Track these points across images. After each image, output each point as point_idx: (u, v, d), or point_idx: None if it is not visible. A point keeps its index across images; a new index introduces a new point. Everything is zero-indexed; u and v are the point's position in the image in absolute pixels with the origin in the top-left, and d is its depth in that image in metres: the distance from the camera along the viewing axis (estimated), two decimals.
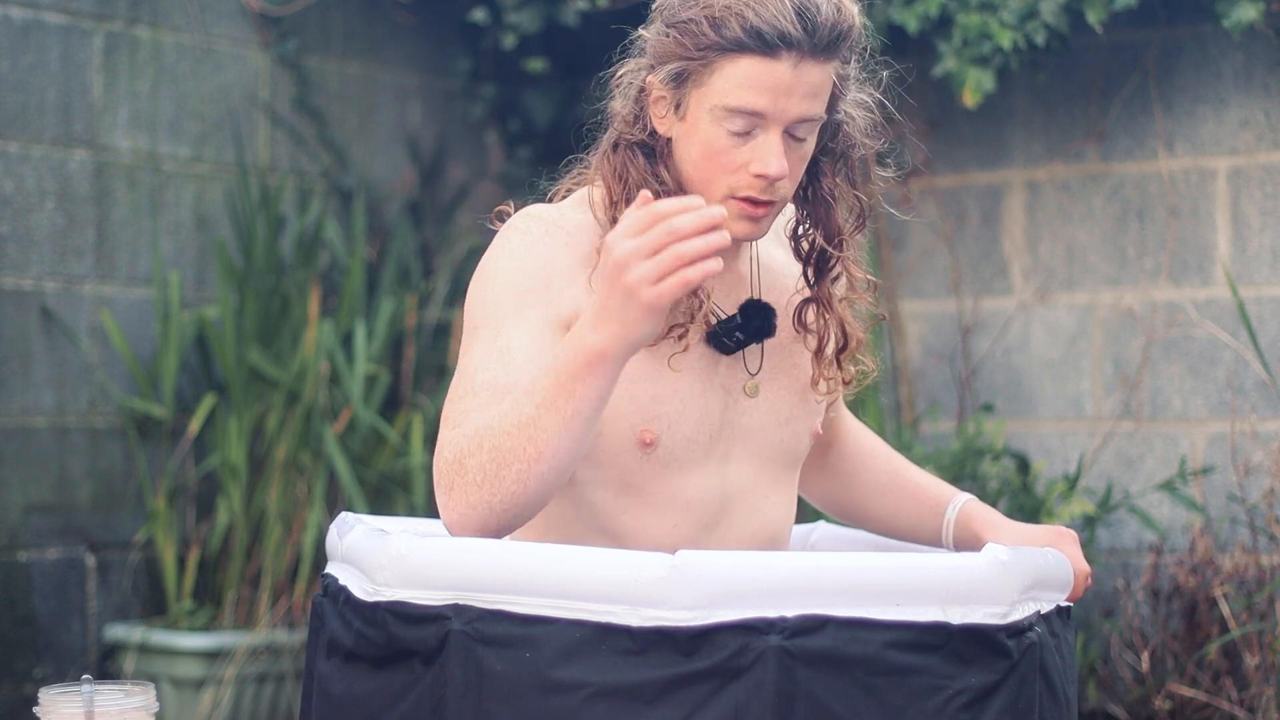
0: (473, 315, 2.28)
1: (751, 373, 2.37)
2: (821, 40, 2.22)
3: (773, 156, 2.24)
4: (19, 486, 4.39)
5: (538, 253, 2.28)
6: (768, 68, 2.22)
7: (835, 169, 2.38)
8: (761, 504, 2.39)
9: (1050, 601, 2.25)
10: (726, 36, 2.21)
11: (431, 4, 5.15)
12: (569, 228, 2.31)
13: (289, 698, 4.51)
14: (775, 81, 2.22)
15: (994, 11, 4.15)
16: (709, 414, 2.33)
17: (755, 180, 2.25)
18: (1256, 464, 4.10)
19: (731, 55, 2.22)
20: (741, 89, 2.22)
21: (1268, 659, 3.85)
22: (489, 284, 2.28)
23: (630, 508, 2.32)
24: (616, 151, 2.34)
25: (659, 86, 2.29)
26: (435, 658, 2.12)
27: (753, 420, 2.37)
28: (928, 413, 4.47)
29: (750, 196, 2.26)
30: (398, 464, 4.67)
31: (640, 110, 2.33)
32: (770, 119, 2.23)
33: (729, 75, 2.23)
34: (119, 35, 4.60)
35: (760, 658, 2.02)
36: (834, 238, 2.39)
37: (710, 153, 2.26)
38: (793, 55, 2.21)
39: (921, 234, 4.62)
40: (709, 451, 2.34)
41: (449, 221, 5.18)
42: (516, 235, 2.30)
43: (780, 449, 2.39)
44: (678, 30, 2.26)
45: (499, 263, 2.29)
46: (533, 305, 2.26)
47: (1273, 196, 4.16)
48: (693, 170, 2.29)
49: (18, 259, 4.40)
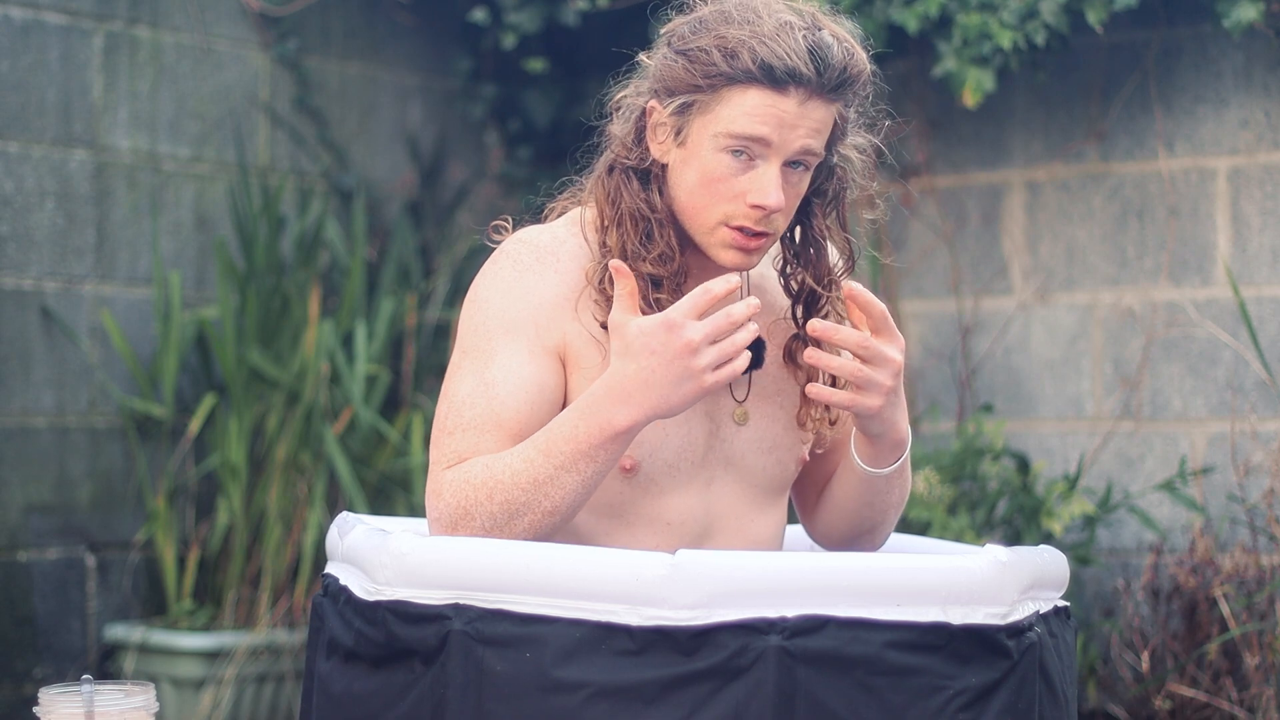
0: (463, 340, 2.32)
1: (739, 400, 2.37)
2: (830, 81, 2.25)
3: (772, 187, 2.26)
4: (19, 486, 4.39)
5: (528, 282, 2.31)
6: (775, 100, 2.24)
7: (826, 211, 2.40)
8: (747, 527, 2.39)
9: (1049, 601, 2.26)
10: (737, 67, 2.24)
11: (431, 4, 5.15)
12: (561, 254, 2.34)
13: (289, 698, 4.51)
14: (781, 114, 2.24)
15: (994, 11, 4.15)
16: (692, 441, 2.34)
17: (752, 210, 2.27)
18: (1256, 464, 4.10)
19: (741, 85, 2.25)
20: (748, 117, 2.24)
21: (1268, 659, 3.85)
22: (479, 312, 2.32)
23: (613, 529, 2.33)
24: (611, 175, 2.36)
25: (661, 111, 2.30)
26: (436, 657, 2.12)
27: (736, 448, 2.37)
28: (928, 413, 4.47)
29: (744, 226, 2.28)
30: (398, 464, 4.67)
31: (639, 134, 2.34)
32: (773, 150, 2.26)
33: (736, 104, 2.25)
34: (119, 35, 4.60)
35: (760, 658, 2.02)
36: (823, 279, 2.40)
37: (709, 180, 2.28)
38: (801, 92, 2.24)
39: (921, 234, 4.62)
40: (692, 476, 2.35)
41: (449, 221, 5.18)
42: (508, 263, 2.33)
43: (765, 475, 2.40)
44: (687, 57, 2.28)
45: (489, 292, 2.32)
46: (520, 336, 2.29)
47: (1273, 196, 4.16)
48: (688, 197, 2.30)
49: (18, 259, 4.40)
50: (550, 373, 2.29)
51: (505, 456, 2.21)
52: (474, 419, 2.26)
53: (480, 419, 2.25)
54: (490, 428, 2.25)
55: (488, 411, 2.25)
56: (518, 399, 2.26)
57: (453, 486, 2.22)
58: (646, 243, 2.31)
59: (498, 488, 2.20)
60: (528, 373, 2.27)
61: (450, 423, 2.27)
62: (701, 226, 2.30)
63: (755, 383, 2.39)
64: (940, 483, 4.12)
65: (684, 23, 2.32)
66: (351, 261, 4.80)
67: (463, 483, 2.22)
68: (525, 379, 2.27)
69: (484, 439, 2.24)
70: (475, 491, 2.20)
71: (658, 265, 2.30)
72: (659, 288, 2.30)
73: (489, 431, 2.25)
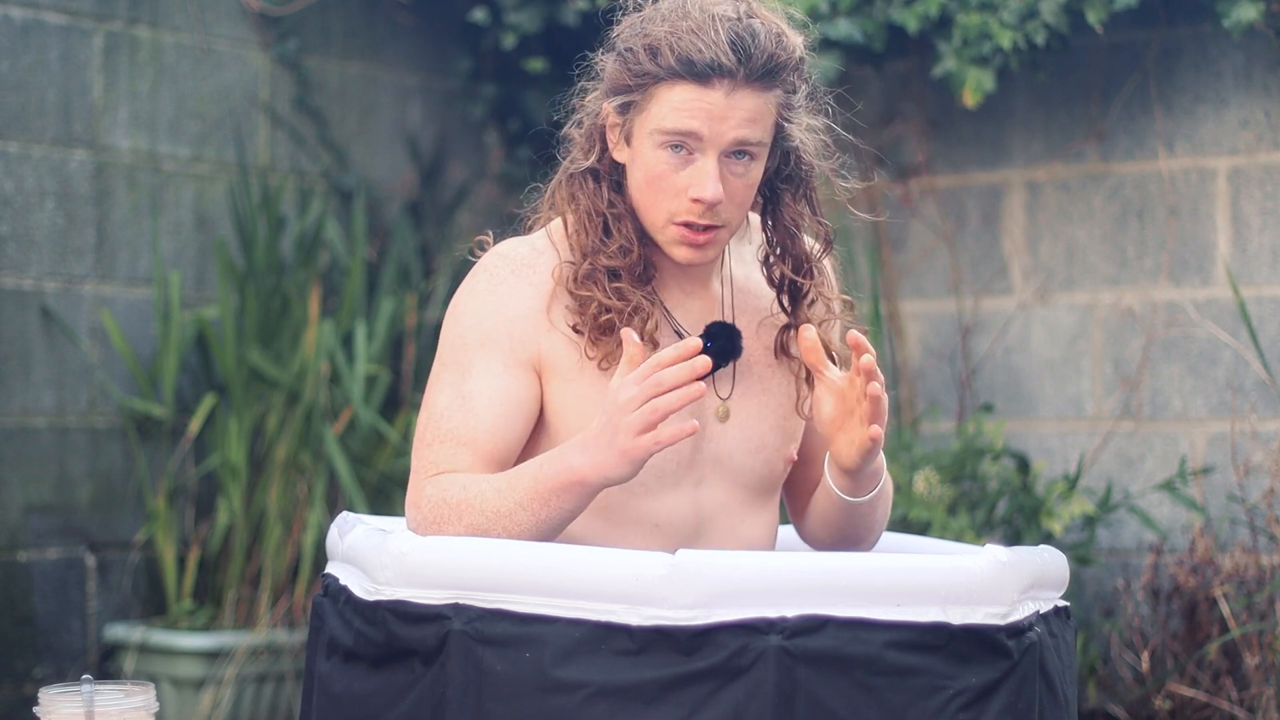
0: (442, 353, 2.37)
1: (722, 397, 2.38)
2: (756, 69, 2.27)
3: (708, 180, 2.28)
4: (19, 486, 4.39)
5: (502, 294, 2.35)
6: (700, 94, 2.27)
7: (796, 197, 2.41)
8: (737, 527, 2.39)
9: (1049, 601, 2.26)
10: (661, 64, 2.28)
11: (431, 4, 5.15)
12: (538, 265, 2.37)
13: (289, 698, 4.51)
14: (709, 106, 2.27)
15: (994, 11, 4.15)
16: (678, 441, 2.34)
17: (693, 205, 2.30)
18: (1256, 464, 4.10)
19: (666, 83, 2.28)
20: (676, 113, 2.27)
21: (1268, 659, 3.85)
22: (457, 325, 2.36)
23: (601, 531, 2.34)
24: (572, 179, 2.40)
25: (612, 113, 2.35)
26: (435, 657, 2.12)
27: (724, 447, 2.38)
28: (928, 413, 4.47)
29: (689, 221, 2.30)
30: (398, 464, 4.67)
31: (601, 135, 2.39)
32: (706, 142, 2.28)
33: (665, 101, 2.28)
34: (119, 35, 4.60)
35: (760, 658, 2.02)
36: (802, 265, 2.41)
37: (651, 178, 2.31)
38: (725, 83, 2.26)
39: (921, 234, 4.62)
40: (680, 477, 2.36)
41: (449, 221, 5.18)
42: (484, 277, 2.38)
43: (754, 475, 2.40)
44: (621, 59, 2.33)
45: (466, 305, 2.37)
46: (495, 350, 2.33)
47: (1273, 196, 4.16)
48: (639, 196, 2.35)
49: (18, 259, 4.40)
50: (525, 386, 2.33)
51: (481, 481, 2.26)
52: (451, 431, 2.31)
53: (457, 431, 2.30)
54: (466, 441, 2.30)
55: (464, 425, 2.30)
56: (494, 412, 2.30)
57: (430, 501, 2.28)
58: (605, 237, 2.35)
59: (467, 511, 2.25)
60: (502, 385, 2.32)
61: (429, 434, 2.32)
62: (653, 224, 2.34)
63: (740, 382, 2.40)
64: (940, 483, 4.12)
65: (626, 24, 2.36)
66: (351, 261, 4.80)
67: (440, 500, 2.27)
68: (500, 392, 2.31)
69: (460, 452, 2.29)
70: (448, 510, 2.26)
71: (615, 258, 2.34)
72: (618, 278, 2.33)
73: (465, 445, 2.30)
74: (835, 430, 2.31)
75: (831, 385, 2.29)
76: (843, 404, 2.29)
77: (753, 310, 2.43)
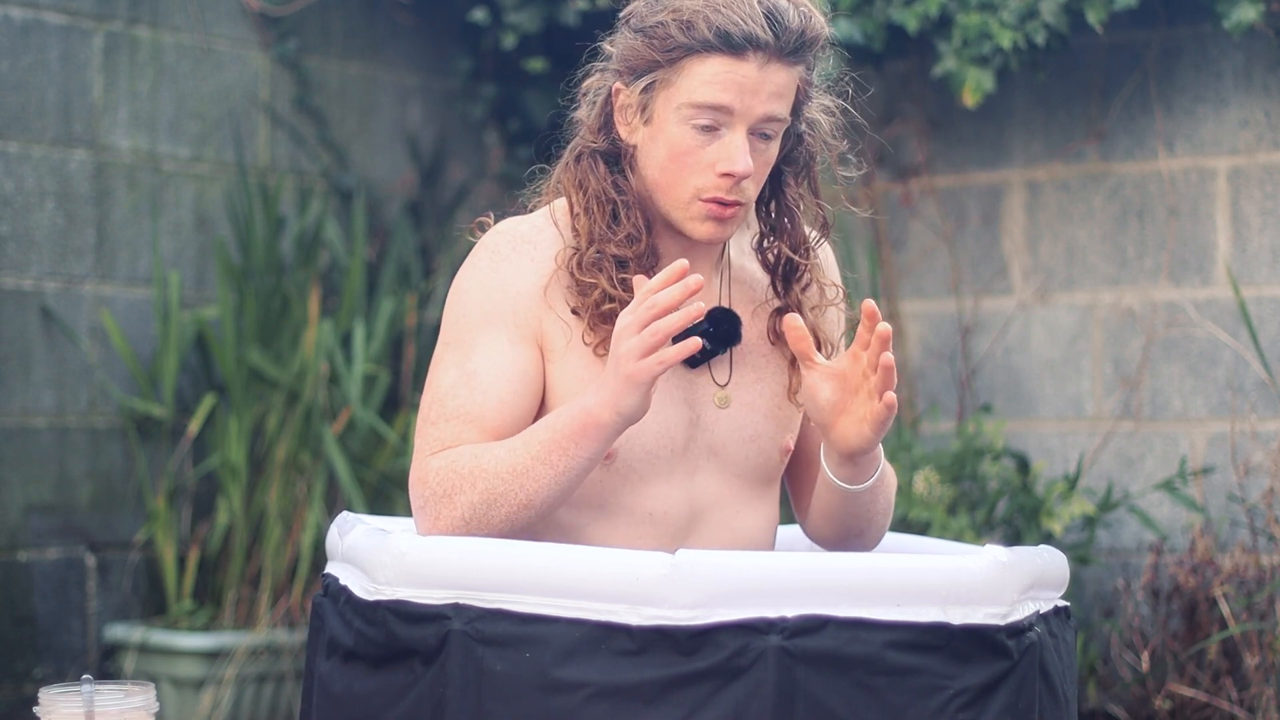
0: (445, 331, 2.35)
1: (721, 384, 2.37)
2: (788, 44, 2.27)
3: (739, 154, 2.28)
4: (19, 486, 4.39)
5: (504, 271, 2.34)
6: (735, 66, 2.26)
7: (798, 179, 2.42)
8: (733, 519, 2.38)
9: (1049, 601, 2.26)
10: (695, 37, 2.26)
11: (431, 4, 5.15)
12: (539, 242, 2.36)
13: (289, 698, 4.51)
14: (742, 79, 2.27)
15: (994, 11, 4.16)
16: (670, 428, 2.34)
17: (722, 180, 2.29)
18: (1256, 464, 4.10)
19: (700, 55, 2.27)
20: (709, 86, 2.27)
21: (1268, 659, 3.85)
22: (460, 303, 2.35)
23: (594, 520, 2.34)
24: (579, 161, 2.39)
25: (626, 92, 2.33)
26: (435, 657, 2.12)
27: (719, 436, 2.37)
28: (928, 413, 4.47)
29: (717, 197, 2.30)
30: (397, 464, 4.67)
31: (607, 118, 2.37)
32: (736, 117, 2.28)
33: (697, 74, 2.27)
34: (119, 35, 4.60)
35: (760, 658, 2.02)
36: (799, 247, 2.42)
37: (677, 153, 2.30)
38: (759, 56, 2.26)
39: (921, 234, 4.62)
40: (674, 465, 2.35)
41: (449, 221, 5.18)
42: (485, 254, 2.37)
43: (748, 465, 2.39)
44: (645, 35, 2.31)
45: (469, 282, 2.36)
46: (499, 325, 2.32)
47: (1273, 196, 4.16)
48: (659, 174, 2.32)
49: (18, 259, 4.40)
50: (530, 360, 2.31)
51: (493, 447, 2.24)
52: (457, 409, 2.28)
53: (463, 408, 2.28)
54: (473, 418, 2.27)
55: (469, 401, 2.28)
56: (500, 388, 2.29)
57: (438, 472, 2.25)
58: (613, 224, 2.34)
59: (481, 475, 2.22)
60: (508, 362, 2.30)
61: (434, 413, 2.30)
62: (675, 202, 2.32)
63: (737, 369, 2.39)
64: (940, 483, 4.12)
65: (641, 3, 2.35)
66: (351, 261, 4.80)
67: (449, 469, 2.24)
68: (506, 368, 2.30)
69: (466, 429, 2.27)
70: (460, 479, 2.23)
71: (624, 246, 2.33)
72: (625, 268, 2.32)
73: (472, 421, 2.27)
74: (838, 414, 2.28)
75: (828, 370, 2.27)
76: (844, 385, 2.27)
77: (749, 300, 2.43)
